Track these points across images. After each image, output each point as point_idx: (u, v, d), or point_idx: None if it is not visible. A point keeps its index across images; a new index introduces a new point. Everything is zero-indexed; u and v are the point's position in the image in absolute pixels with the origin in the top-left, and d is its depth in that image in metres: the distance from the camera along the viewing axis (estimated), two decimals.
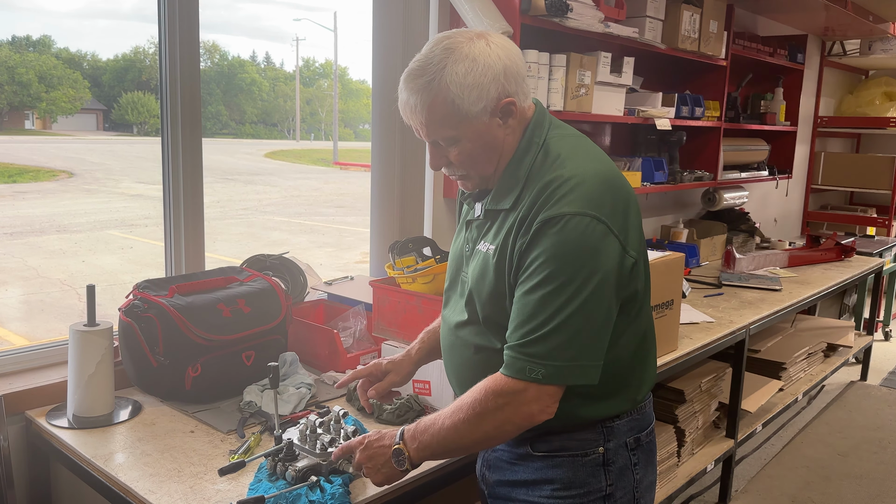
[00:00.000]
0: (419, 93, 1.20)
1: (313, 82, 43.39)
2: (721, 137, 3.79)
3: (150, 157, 21.73)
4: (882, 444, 3.61)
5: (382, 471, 1.29)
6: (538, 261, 1.17)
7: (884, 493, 3.11)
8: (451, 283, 1.43)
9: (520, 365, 1.17)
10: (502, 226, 1.26)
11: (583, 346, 1.17)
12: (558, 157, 1.23)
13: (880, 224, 5.61)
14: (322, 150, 30.86)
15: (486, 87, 1.19)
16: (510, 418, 1.19)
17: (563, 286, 1.15)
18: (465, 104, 1.19)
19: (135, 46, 30.93)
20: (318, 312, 2.34)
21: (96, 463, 1.51)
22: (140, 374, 1.82)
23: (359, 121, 45.18)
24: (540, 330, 1.15)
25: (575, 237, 1.15)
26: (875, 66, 5.94)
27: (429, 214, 2.65)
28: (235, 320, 1.87)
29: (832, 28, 4.89)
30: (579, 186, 1.18)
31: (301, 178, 20.32)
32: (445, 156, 1.27)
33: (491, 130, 1.24)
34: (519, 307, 1.19)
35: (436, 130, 1.23)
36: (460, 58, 1.19)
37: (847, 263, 4.17)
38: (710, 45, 3.44)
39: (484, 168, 1.28)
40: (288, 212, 13.46)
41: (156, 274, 2.04)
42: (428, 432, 1.25)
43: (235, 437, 1.65)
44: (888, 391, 4.38)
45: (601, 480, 1.30)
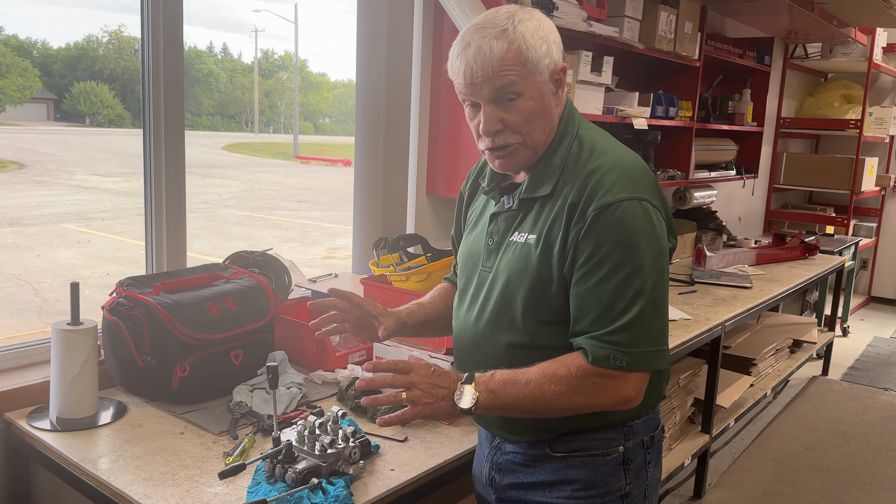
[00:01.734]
0: (495, 39, 1.19)
1: (272, 74, 42.83)
2: (693, 137, 3.85)
3: (104, 149, 21.23)
4: (846, 436, 3.72)
5: (440, 403, 1.20)
6: (604, 249, 1.18)
7: (850, 485, 3.20)
8: (466, 281, 1.40)
9: (604, 353, 1.18)
10: (540, 214, 1.26)
11: (658, 331, 1.21)
12: (595, 148, 1.26)
13: (839, 223, 5.78)
14: (281, 143, 30.51)
15: (551, 46, 1.23)
16: (605, 402, 1.21)
17: (634, 272, 1.17)
18: (535, 55, 1.21)
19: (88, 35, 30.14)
20: (303, 310, 2.30)
21: (85, 467, 1.46)
22: (125, 374, 1.77)
23: (319, 114, 44.79)
24: (621, 318, 1.17)
25: (635, 222, 1.18)
26: (834, 69, 6.09)
27: (412, 211, 2.63)
28: (224, 318, 1.83)
29: (796, 31, 5.01)
30: (627, 174, 1.21)
31: (261, 171, 20.06)
32: (502, 118, 1.24)
33: (547, 95, 1.25)
34: (592, 297, 1.19)
35: (504, 80, 1.20)
36: (526, 17, 1.22)
37: (811, 261, 4.28)
38: (685, 45, 3.49)
39: (538, 136, 1.26)
40: (249, 206, 13.27)
41: (115, 269, 1.99)
42: (508, 389, 1.21)
43: (227, 439, 1.62)
44: (849, 386, 4.51)
45: (621, 480, 1.30)
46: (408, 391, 1.19)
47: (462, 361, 1.42)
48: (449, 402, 1.20)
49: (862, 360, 5.05)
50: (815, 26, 4.66)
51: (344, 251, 9.33)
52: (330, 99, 45.79)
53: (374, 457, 1.56)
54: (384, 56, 2.55)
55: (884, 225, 6.59)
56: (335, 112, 46.53)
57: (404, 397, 1.19)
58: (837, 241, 5.20)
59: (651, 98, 3.43)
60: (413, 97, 2.58)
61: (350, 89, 33.89)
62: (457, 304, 1.45)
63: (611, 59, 3.02)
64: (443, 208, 2.74)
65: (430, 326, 1.57)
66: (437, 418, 1.26)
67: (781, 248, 4.30)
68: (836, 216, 5.90)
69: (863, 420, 3.95)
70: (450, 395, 1.21)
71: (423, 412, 1.20)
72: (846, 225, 5.70)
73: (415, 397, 1.19)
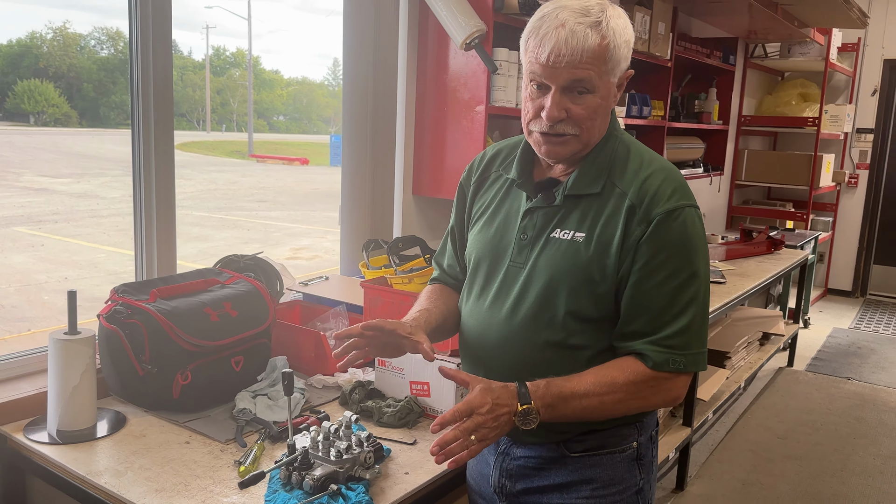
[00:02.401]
0: (591, 28, 1.18)
1: (224, 72, 42.13)
2: (665, 136, 3.92)
3: (52, 149, 20.61)
4: (815, 426, 3.83)
5: (504, 428, 1.19)
6: (665, 252, 1.21)
7: (822, 473, 3.31)
8: (490, 276, 1.36)
9: (664, 357, 1.21)
10: (588, 212, 1.26)
11: (704, 334, 1.26)
12: (643, 155, 1.29)
13: (798, 218, 5.94)
14: (236, 141, 30.06)
15: (628, 50, 1.24)
16: (657, 403, 1.26)
17: (691, 277, 1.22)
18: (618, 55, 1.21)
19: (31, 31, 29.20)
20: (295, 314, 2.28)
21: (93, 480, 1.43)
22: (124, 383, 1.73)
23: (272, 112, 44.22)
24: (678, 321, 1.21)
25: (693, 229, 1.23)
26: (791, 68, 6.27)
27: (398, 212, 2.63)
28: (224, 324, 1.80)
29: (756, 31, 5.14)
30: (681, 182, 1.26)
31: (216, 170, 19.73)
32: (568, 108, 1.22)
33: (613, 96, 1.26)
34: (650, 298, 1.22)
35: (586, 70, 1.19)
36: (616, 14, 1.22)
37: (777, 256, 4.40)
38: (658, 45, 3.55)
39: (594, 133, 1.27)
40: (206, 206, 13.04)
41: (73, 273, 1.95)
42: (567, 403, 1.20)
43: (235, 447, 1.59)
44: (814, 376, 4.65)
45: (636, 475, 1.32)
46: (475, 433, 1.17)
47: (486, 360, 1.36)
48: (509, 422, 1.19)
49: (824, 350, 5.21)
50: (776, 26, 4.79)
51: (309, 252, 9.24)
52: (284, 96, 45.26)
53: (387, 460, 1.55)
54: (371, 57, 2.54)
55: (839, 219, 6.81)
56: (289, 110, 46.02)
57: (473, 439, 1.17)
58: (798, 236, 5.35)
59: (626, 98, 3.48)
60: (399, 98, 2.57)
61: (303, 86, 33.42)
62: (473, 300, 1.39)
63: None
64: (429, 208, 2.74)
65: (439, 331, 1.50)
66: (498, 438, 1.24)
67: (749, 243, 4.41)
68: (796, 211, 6.07)
69: (830, 409, 4.08)
70: (510, 414, 1.19)
71: (490, 441, 1.19)
72: (805, 220, 5.87)
73: (483, 436, 1.17)
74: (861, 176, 6.72)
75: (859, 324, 6.00)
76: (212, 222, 11.18)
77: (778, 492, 3.12)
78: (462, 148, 2.55)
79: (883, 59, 6.49)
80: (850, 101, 6.61)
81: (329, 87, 48.42)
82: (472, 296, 1.41)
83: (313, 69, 75.25)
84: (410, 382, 1.80)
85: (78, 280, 7.05)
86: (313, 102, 47.09)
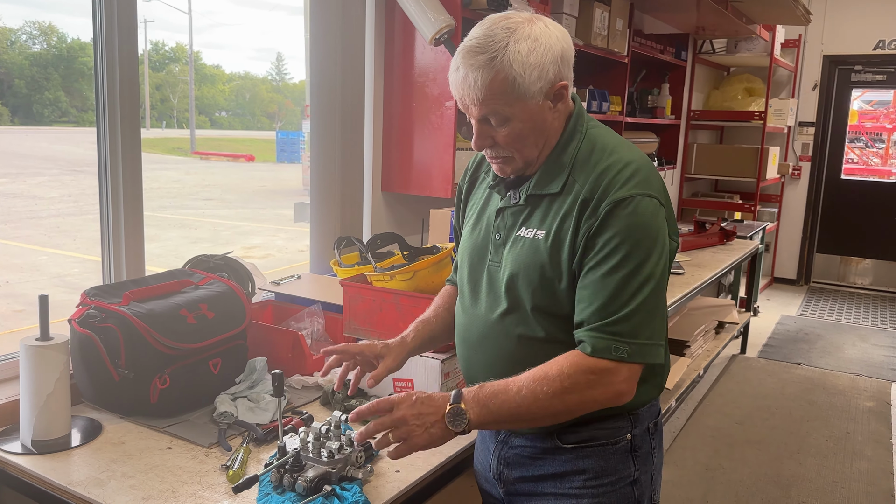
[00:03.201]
0: (481, 69, 1.18)
1: (163, 67, 41.09)
2: (623, 131, 3.98)
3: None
4: (770, 410, 3.96)
5: (431, 430, 1.19)
6: (614, 241, 1.19)
7: (780, 456, 3.42)
8: (474, 275, 1.39)
9: (604, 344, 1.18)
10: (550, 210, 1.27)
11: (656, 324, 1.22)
12: (606, 147, 1.27)
13: (746, 209, 6.12)
14: (177, 138, 29.39)
15: (546, 69, 1.20)
16: (597, 397, 1.20)
17: (640, 265, 1.18)
18: (525, 83, 1.18)
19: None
20: (268, 314, 2.25)
21: (75, 491, 1.38)
22: (99, 389, 1.67)
23: (215, 107, 43.36)
24: (623, 309, 1.18)
25: (645, 218, 1.19)
26: (737, 63, 6.44)
27: (368, 208, 2.61)
28: (201, 327, 1.76)
29: (704, 27, 5.25)
30: (639, 171, 1.23)
31: (158, 168, 19.24)
32: (492, 136, 1.25)
33: (542, 113, 1.24)
34: (596, 288, 1.20)
35: (490, 108, 1.21)
36: (522, 37, 1.18)
37: (729, 247, 4.51)
38: (616, 41, 3.60)
39: (529, 151, 1.27)
40: (151, 205, 12.63)
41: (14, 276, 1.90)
42: (498, 398, 1.19)
43: (219, 451, 1.56)
44: (766, 362, 4.80)
45: (630, 466, 1.34)
46: (395, 430, 1.19)
47: (469, 356, 1.41)
48: (440, 427, 1.19)
49: (774, 337, 5.39)
50: (724, 23, 4.91)
51: (261, 250, 9.10)
52: (226, 92, 44.41)
53: (377, 459, 1.54)
54: (338, 52, 2.51)
55: (783, 210, 7.03)
56: (232, 105, 45.18)
57: (391, 438, 1.19)
58: (748, 227, 5.50)
59: (587, 94, 3.53)
60: (367, 93, 2.55)
61: (246, 81, 32.87)
62: (461, 299, 1.44)
63: None
64: (398, 204, 2.73)
65: (437, 340, 1.55)
66: (434, 446, 1.21)
67: (703, 234, 4.52)
68: (743, 203, 6.25)
69: (783, 394, 4.22)
70: (440, 419, 1.19)
71: (416, 445, 1.19)
72: (753, 211, 6.04)
73: (403, 433, 1.19)
74: (804, 168, 6.96)
75: (805, 311, 6.22)
76: (157, 221, 10.90)
77: (740, 475, 3.22)
78: (431, 144, 2.54)
79: (822, 54, 6.72)
80: (792, 96, 6.82)
81: (273, 83, 47.70)
82: (461, 295, 1.45)
83: (256, 64, 73.90)
84: (394, 380, 1.79)
85: (20, 284, 6.79)
86: (257, 98, 46.31)
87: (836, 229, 7.12)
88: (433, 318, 1.55)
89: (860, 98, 7.19)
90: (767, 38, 5.66)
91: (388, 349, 1.46)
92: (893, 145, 7.14)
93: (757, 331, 5.42)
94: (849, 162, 7.16)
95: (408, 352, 1.49)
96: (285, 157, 21.63)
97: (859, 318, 6.03)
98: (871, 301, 6.67)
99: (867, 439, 3.64)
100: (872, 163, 7.23)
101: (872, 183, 7.08)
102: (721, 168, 6.08)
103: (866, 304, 6.56)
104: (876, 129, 7.20)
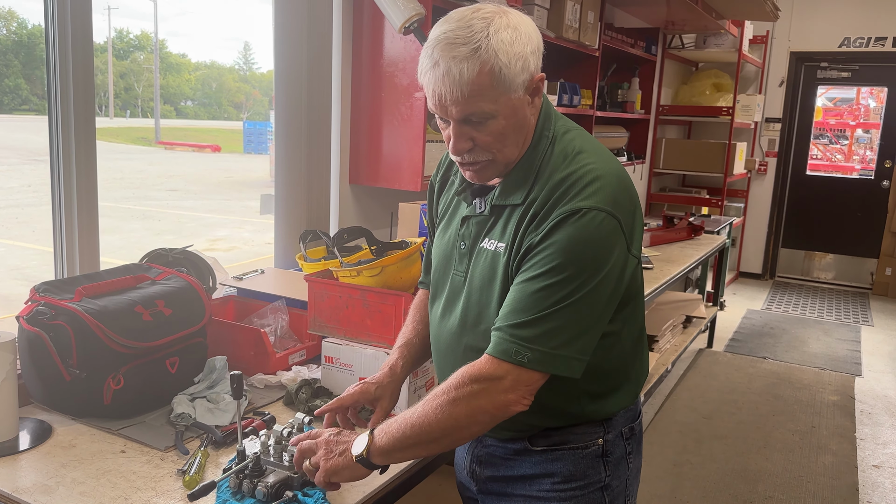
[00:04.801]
0: (465, 61, 1.09)
1: (128, 55, 40.28)
2: (593, 125, 3.96)
3: None
4: (737, 405, 3.98)
5: (337, 459, 1.18)
6: (548, 251, 1.12)
7: (748, 450, 3.44)
8: (440, 282, 1.35)
9: (506, 346, 1.11)
10: (509, 221, 1.20)
11: (572, 338, 1.13)
12: (572, 153, 1.19)
13: (713, 204, 6.16)
14: (141, 127, 28.88)
15: (528, 59, 1.13)
16: (484, 406, 1.12)
17: (567, 279, 1.11)
18: (511, 74, 1.10)
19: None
20: (229, 310, 2.17)
21: (20, 498, 1.30)
22: (48, 389, 1.59)
23: (180, 97, 42.66)
24: (535, 314, 1.11)
25: (589, 232, 1.11)
26: (706, 59, 6.47)
27: (335, 201, 2.54)
28: (157, 324, 1.69)
29: (674, 22, 5.26)
30: (597, 181, 1.14)
31: (122, 158, 18.88)
32: (472, 138, 1.16)
33: (523, 108, 1.16)
34: (516, 295, 1.14)
35: (475, 104, 1.11)
36: (502, 26, 1.10)
37: (697, 241, 4.52)
38: (588, 34, 3.58)
39: (511, 151, 1.19)
40: (113, 196, 12.43)
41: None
42: (397, 421, 1.16)
43: (176, 455, 1.49)
44: (732, 356, 4.83)
45: (600, 472, 1.30)
46: (312, 456, 1.22)
47: (439, 362, 1.38)
48: (347, 456, 1.18)
49: (740, 331, 5.43)
50: (694, 18, 4.92)
51: (226, 243, 8.95)
52: (192, 81, 43.74)
53: None
54: (304, 40, 2.43)
55: (750, 205, 7.10)
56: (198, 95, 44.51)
57: (305, 465, 1.22)
58: (715, 222, 5.53)
59: (557, 87, 3.49)
60: (334, 83, 2.49)
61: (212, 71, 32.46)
62: (431, 307, 1.39)
63: None
64: (366, 197, 2.67)
65: (423, 359, 1.50)
66: (341, 474, 1.19)
67: (671, 229, 4.52)
68: (710, 198, 6.29)
69: (749, 388, 4.24)
70: (349, 447, 1.18)
71: (326, 470, 1.19)
72: (720, 206, 6.08)
73: (315, 462, 1.21)
74: (770, 163, 7.03)
75: (770, 305, 6.29)
76: (119, 213, 10.67)
77: (708, 470, 3.22)
78: (400, 135, 2.49)
79: (789, 51, 6.78)
80: (759, 92, 6.88)
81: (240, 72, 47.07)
82: (432, 302, 1.40)
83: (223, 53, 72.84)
84: (360, 379, 1.73)
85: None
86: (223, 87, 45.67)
87: (801, 225, 7.21)
88: (414, 337, 1.48)
89: (824, 95, 7.28)
90: (736, 33, 5.69)
91: (383, 389, 1.40)
92: (856, 142, 7.25)
93: (723, 325, 5.47)
94: (813, 158, 7.25)
95: (400, 382, 1.45)
96: (252, 147, 21.37)
97: (823, 313, 6.11)
98: (835, 296, 6.77)
99: (832, 433, 3.68)
100: (835, 159, 7.33)
101: (835, 179, 7.18)
102: (689, 163, 6.11)
103: (830, 298, 6.65)
104: (839, 125, 7.30)
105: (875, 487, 3.17)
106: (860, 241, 6.99)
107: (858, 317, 6.03)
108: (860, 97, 7.17)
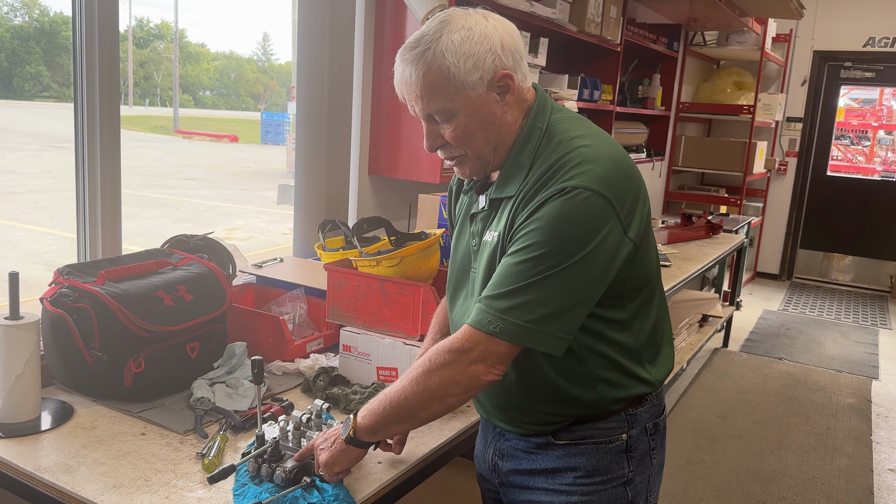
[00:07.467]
0: (414, 63, 1.17)
1: (148, 44, 40.45)
2: (613, 121, 3.94)
3: None
4: (752, 405, 3.96)
5: (332, 448, 1.27)
6: (530, 227, 1.14)
7: (762, 450, 3.42)
8: (458, 282, 1.37)
9: (481, 317, 1.15)
10: (504, 212, 1.23)
11: (551, 314, 1.13)
12: (564, 139, 1.19)
13: (732, 203, 6.11)
14: (160, 116, 29.00)
15: (482, 57, 1.16)
16: (455, 377, 1.16)
17: (547, 255, 1.12)
18: (460, 73, 1.15)
19: None
20: (248, 297, 2.19)
21: (42, 477, 1.32)
22: (71, 371, 1.61)
23: (198, 86, 42.80)
24: (512, 286, 1.13)
25: (571, 208, 1.11)
26: (727, 56, 6.41)
27: (354, 192, 2.55)
28: (178, 309, 1.71)
29: (696, 18, 5.22)
30: (587, 163, 1.14)
31: (140, 146, 18.97)
32: (441, 134, 1.22)
33: (488, 105, 1.19)
34: (500, 267, 1.17)
35: (431, 103, 1.18)
36: (456, 28, 1.16)
37: (715, 240, 4.50)
38: (610, 30, 3.56)
39: (481, 147, 1.23)
40: (132, 184, 12.49)
41: None
42: (377, 398, 1.23)
43: (195, 438, 1.51)
44: (748, 356, 4.80)
45: (624, 467, 1.30)
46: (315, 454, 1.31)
47: None
48: (339, 443, 1.26)
49: (756, 331, 5.40)
50: (716, 14, 4.88)
51: (243, 232, 8.99)
52: (210, 71, 43.87)
53: None
54: (327, 31, 2.44)
55: (769, 205, 7.04)
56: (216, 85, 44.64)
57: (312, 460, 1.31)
58: (733, 221, 5.50)
59: (578, 81, 3.48)
60: (356, 75, 2.49)
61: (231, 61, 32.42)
62: (452, 307, 1.41)
63: (546, 40, 3.03)
64: (385, 188, 2.67)
65: None
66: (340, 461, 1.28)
67: (689, 227, 4.50)
68: (729, 196, 6.24)
69: (765, 389, 4.22)
70: (337, 436, 1.26)
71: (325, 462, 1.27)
72: (739, 205, 6.04)
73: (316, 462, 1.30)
74: (790, 163, 6.97)
75: (787, 306, 6.24)
76: (138, 200, 10.73)
77: (721, 469, 3.21)
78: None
79: (813, 50, 6.71)
80: (781, 91, 6.82)
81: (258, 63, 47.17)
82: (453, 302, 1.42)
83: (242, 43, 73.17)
84: (378, 368, 1.75)
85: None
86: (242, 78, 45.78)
87: (820, 226, 7.14)
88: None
89: (847, 95, 7.20)
90: (759, 31, 5.64)
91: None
92: (878, 143, 7.16)
93: (739, 325, 5.43)
94: (833, 159, 7.18)
95: None
96: (269, 138, 21.42)
97: (840, 315, 6.06)
98: (853, 298, 6.71)
99: (847, 436, 3.66)
100: (857, 160, 7.25)
101: (856, 180, 7.11)
102: (708, 161, 6.07)
103: (847, 300, 6.59)
104: (861, 126, 7.22)
105: (890, 491, 3.14)
106: (880, 244, 6.92)
107: (877, 320, 5.97)
108: (883, 98, 7.09)
